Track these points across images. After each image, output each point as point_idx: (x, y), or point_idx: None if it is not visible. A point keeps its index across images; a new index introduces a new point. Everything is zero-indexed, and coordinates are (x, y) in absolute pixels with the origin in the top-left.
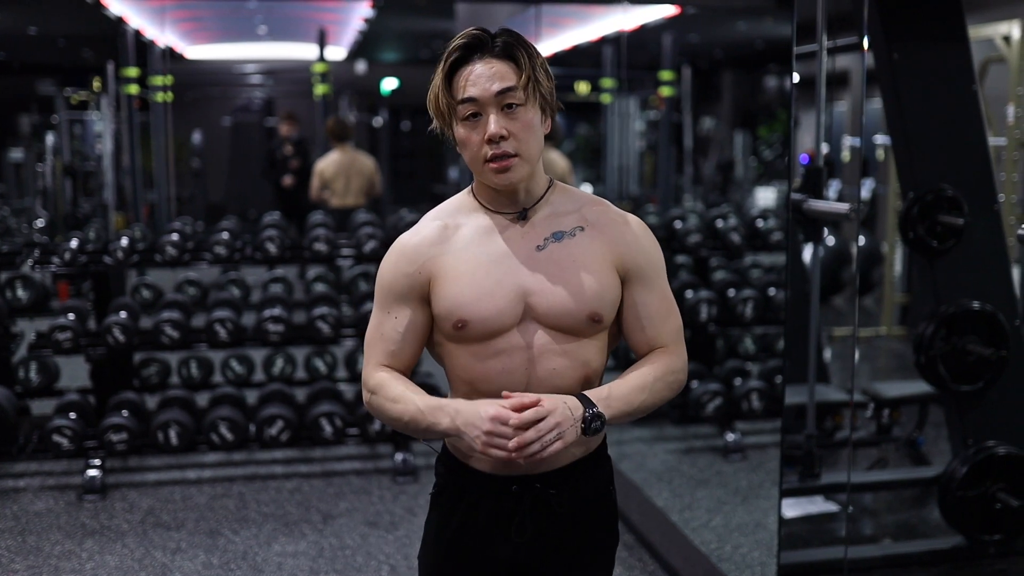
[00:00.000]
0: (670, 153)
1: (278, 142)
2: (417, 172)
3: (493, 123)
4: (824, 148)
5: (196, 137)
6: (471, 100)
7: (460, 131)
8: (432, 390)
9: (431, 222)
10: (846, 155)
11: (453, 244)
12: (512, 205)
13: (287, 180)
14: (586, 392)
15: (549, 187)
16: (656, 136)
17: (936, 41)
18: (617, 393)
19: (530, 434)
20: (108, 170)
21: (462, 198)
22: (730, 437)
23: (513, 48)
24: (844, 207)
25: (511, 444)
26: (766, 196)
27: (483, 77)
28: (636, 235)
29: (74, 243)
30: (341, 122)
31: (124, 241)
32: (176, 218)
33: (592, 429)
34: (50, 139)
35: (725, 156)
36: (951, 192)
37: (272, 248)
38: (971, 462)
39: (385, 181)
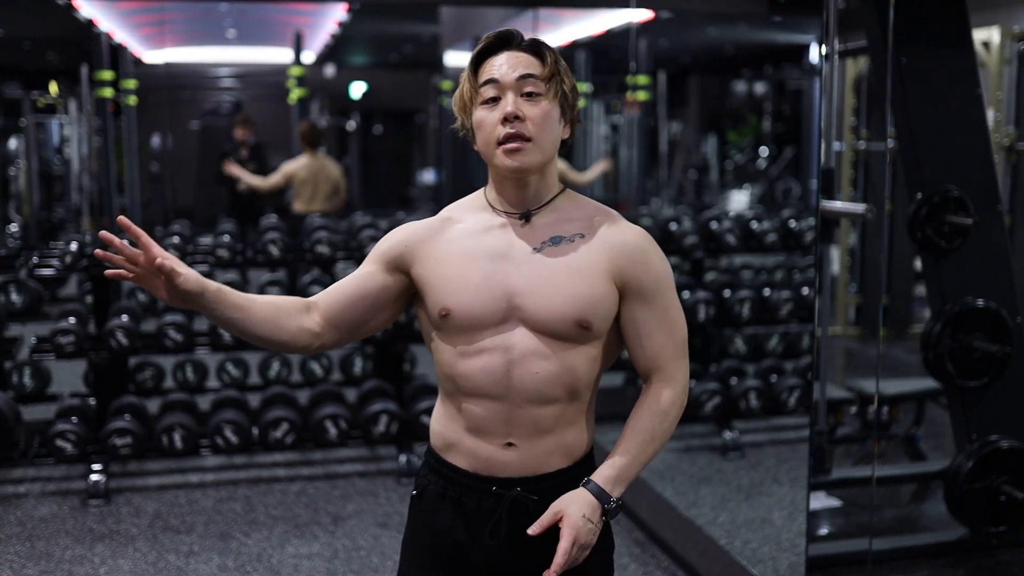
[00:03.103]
0: (641, 157)
1: (233, 146)
2: (387, 176)
3: (511, 103)
4: (837, 146)
5: (155, 141)
6: (493, 81)
7: (478, 114)
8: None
9: (439, 215)
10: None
11: (448, 235)
12: (520, 204)
13: (242, 184)
14: (594, 479)
15: (559, 193)
16: (619, 140)
17: (943, 46)
18: (625, 464)
19: (560, 561)
20: (77, 175)
21: (473, 197)
22: (728, 436)
23: (540, 45)
24: (860, 207)
25: None
26: (739, 200)
27: (507, 63)
28: (639, 249)
29: (74, 246)
30: (314, 127)
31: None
32: (141, 223)
33: (614, 515)
34: (13, 143)
35: (694, 160)
36: (957, 193)
37: (275, 251)
38: (976, 456)
39: (356, 185)
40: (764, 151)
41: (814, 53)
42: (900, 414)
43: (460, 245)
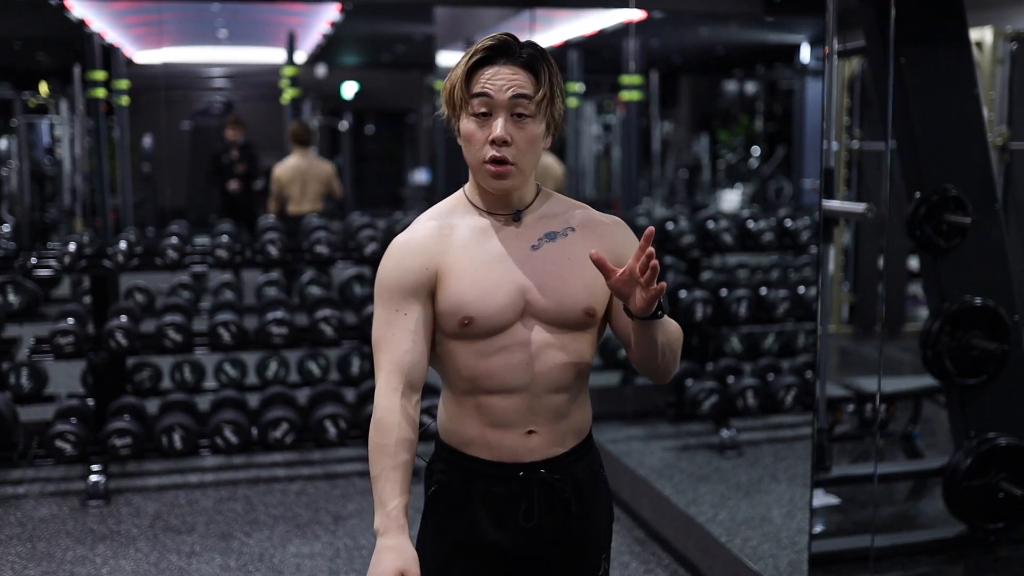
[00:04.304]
0: (634, 156)
1: (223, 147)
2: (379, 176)
3: (500, 127)
4: (835, 146)
5: (147, 141)
6: (485, 96)
7: (468, 125)
8: None
9: (427, 222)
10: None
11: (453, 243)
12: (505, 207)
13: (232, 185)
14: None
15: (538, 193)
16: (611, 140)
17: (941, 47)
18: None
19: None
20: (69, 175)
21: (455, 200)
22: (725, 434)
23: (537, 62)
24: (861, 207)
25: None
26: (731, 199)
27: (502, 79)
28: (622, 234)
29: (72, 246)
30: (304, 126)
31: (123, 244)
32: (133, 224)
33: (660, 308)
34: (4, 143)
35: (685, 160)
36: (955, 192)
37: (273, 251)
38: (975, 453)
39: (348, 185)
40: (756, 151)
41: (805, 53)
42: (897, 412)
43: (468, 253)
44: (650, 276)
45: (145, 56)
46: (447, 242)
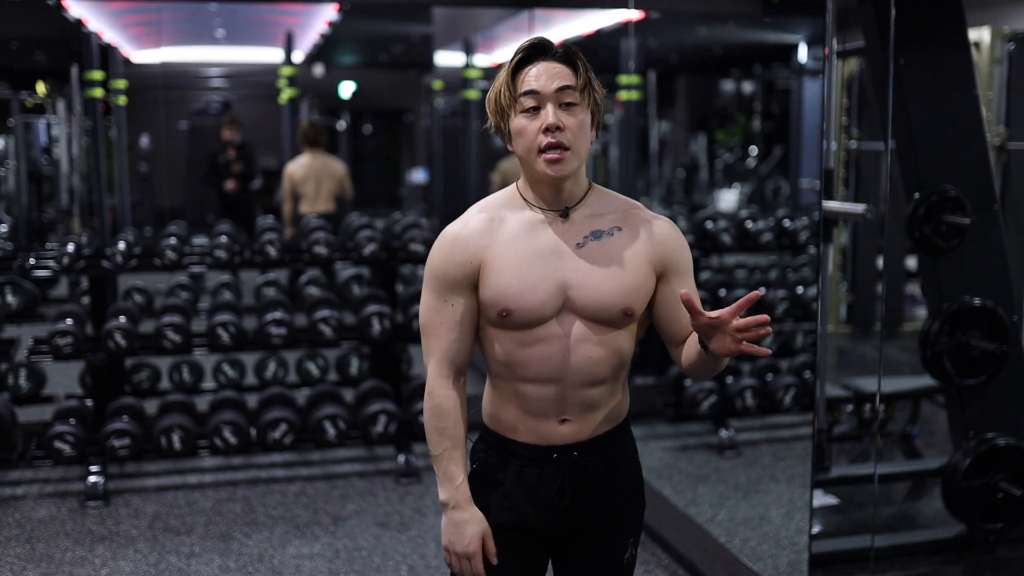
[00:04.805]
0: (631, 156)
1: (220, 147)
2: (377, 175)
3: (551, 114)
4: (833, 146)
5: (144, 141)
6: (533, 92)
7: (518, 122)
8: None
9: (478, 214)
10: None
11: (500, 236)
12: (555, 203)
13: (229, 184)
14: None
15: (589, 189)
16: (609, 139)
17: (940, 47)
18: None
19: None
20: (66, 175)
21: (508, 194)
22: (724, 434)
23: (572, 55)
24: (860, 207)
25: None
26: (728, 198)
27: (545, 74)
28: (670, 235)
29: (71, 247)
30: (315, 126)
31: (121, 245)
32: (131, 224)
33: None
34: (1, 143)
35: (682, 159)
36: (954, 193)
37: (272, 252)
38: (974, 453)
39: None
40: (753, 150)
41: (803, 53)
42: (896, 412)
43: (514, 247)
44: (749, 337)
45: (143, 56)
46: (495, 235)
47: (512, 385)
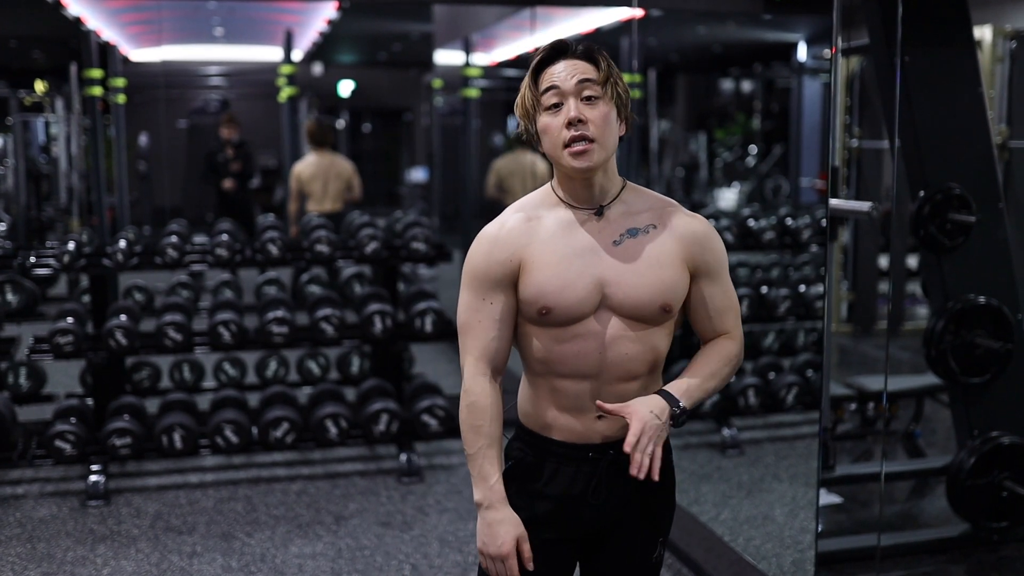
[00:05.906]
0: (631, 155)
1: (218, 145)
2: (376, 174)
3: (573, 108)
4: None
5: (143, 140)
6: (554, 88)
7: (543, 120)
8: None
9: (515, 214)
10: None
11: (538, 235)
12: (589, 201)
13: (227, 183)
14: (667, 388)
15: (623, 187)
16: None
17: (945, 45)
18: (693, 384)
19: (636, 457)
20: (65, 174)
21: (543, 193)
22: (727, 433)
23: (593, 51)
24: (865, 206)
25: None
26: (728, 197)
27: (565, 70)
28: (707, 236)
29: (71, 245)
30: (322, 126)
31: (122, 243)
32: (130, 223)
33: (680, 423)
34: (0, 142)
35: (682, 158)
36: (959, 191)
37: (273, 250)
38: (978, 452)
39: None
40: (753, 149)
41: (802, 51)
42: (899, 410)
43: (552, 245)
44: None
45: (141, 54)
46: (532, 234)
47: (549, 381)
